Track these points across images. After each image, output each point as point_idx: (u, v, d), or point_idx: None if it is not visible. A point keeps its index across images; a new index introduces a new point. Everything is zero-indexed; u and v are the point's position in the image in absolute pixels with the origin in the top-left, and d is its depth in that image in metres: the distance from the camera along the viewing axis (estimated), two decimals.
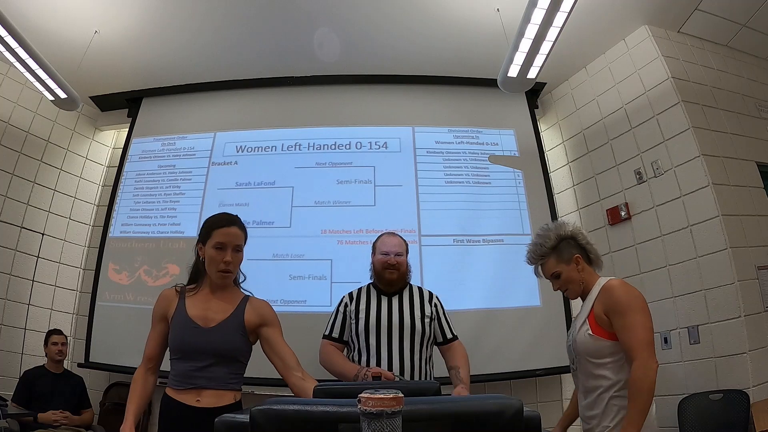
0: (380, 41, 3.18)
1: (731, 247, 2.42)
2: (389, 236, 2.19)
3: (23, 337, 3.14)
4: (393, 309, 2.05)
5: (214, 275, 1.54)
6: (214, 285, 1.57)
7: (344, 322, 2.10)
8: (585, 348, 1.56)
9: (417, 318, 2.03)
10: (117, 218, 3.41)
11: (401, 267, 2.08)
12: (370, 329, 2.00)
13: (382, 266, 2.08)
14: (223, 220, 1.57)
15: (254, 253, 3.11)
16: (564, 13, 2.27)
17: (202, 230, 1.58)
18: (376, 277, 2.13)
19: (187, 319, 1.50)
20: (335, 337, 2.10)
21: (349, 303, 2.12)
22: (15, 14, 2.56)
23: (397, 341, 1.98)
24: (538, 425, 0.82)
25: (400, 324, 2.01)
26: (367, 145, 3.42)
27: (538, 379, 3.04)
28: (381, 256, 2.10)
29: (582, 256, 1.70)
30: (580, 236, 1.73)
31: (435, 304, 2.13)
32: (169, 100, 3.73)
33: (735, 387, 2.27)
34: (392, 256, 2.08)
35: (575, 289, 1.69)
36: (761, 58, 3.30)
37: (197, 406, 1.44)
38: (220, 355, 1.48)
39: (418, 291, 2.15)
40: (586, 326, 1.57)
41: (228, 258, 1.53)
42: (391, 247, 2.11)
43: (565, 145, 3.51)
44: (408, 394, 0.69)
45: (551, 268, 1.70)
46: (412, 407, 0.70)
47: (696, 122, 2.71)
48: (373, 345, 1.98)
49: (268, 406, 0.76)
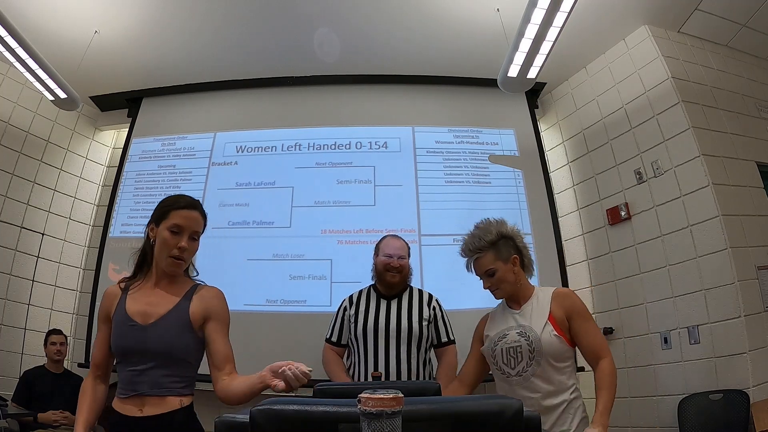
0: (380, 41, 3.18)
1: (731, 247, 2.42)
2: (393, 239, 2.20)
3: (23, 337, 3.14)
4: (392, 312, 2.06)
5: (163, 261, 1.37)
6: (161, 275, 1.40)
7: (343, 325, 2.14)
8: (552, 349, 1.53)
9: (415, 321, 2.04)
10: (117, 218, 3.40)
11: (403, 270, 2.11)
12: (368, 332, 2.02)
13: (384, 268, 2.09)
14: (184, 202, 1.41)
15: (254, 253, 3.15)
16: (564, 13, 2.27)
17: (158, 209, 1.41)
18: (378, 278, 2.14)
19: (125, 317, 1.32)
20: (334, 341, 2.14)
21: (348, 307, 2.15)
22: (15, 14, 2.56)
23: (395, 344, 2.00)
24: (538, 425, 0.82)
25: (397, 327, 2.02)
26: (367, 145, 3.42)
27: None
28: (384, 258, 2.12)
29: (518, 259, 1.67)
30: (518, 238, 1.71)
31: (434, 306, 2.13)
32: (169, 100, 3.73)
33: (735, 387, 2.27)
34: (395, 259, 2.09)
35: (507, 290, 1.65)
36: (761, 58, 3.30)
37: (140, 416, 1.26)
38: (160, 355, 1.30)
39: (417, 294, 2.16)
40: (549, 327, 1.55)
41: (183, 244, 1.36)
42: (394, 249, 2.12)
43: (565, 145, 3.51)
44: (408, 394, 0.69)
45: (487, 263, 1.63)
46: (412, 407, 0.70)
47: (696, 122, 2.71)
48: (371, 348, 2.01)
49: (268, 406, 0.76)
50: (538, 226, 3.20)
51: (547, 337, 1.53)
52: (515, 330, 1.60)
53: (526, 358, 1.55)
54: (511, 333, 1.60)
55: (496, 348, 1.62)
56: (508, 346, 1.59)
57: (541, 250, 3.15)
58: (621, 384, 2.83)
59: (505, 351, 1.59)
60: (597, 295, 3.12)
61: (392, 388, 0.66)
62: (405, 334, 2.01)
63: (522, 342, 1.56)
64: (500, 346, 1.61)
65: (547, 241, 3.18)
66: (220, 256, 3.16)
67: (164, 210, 1.39)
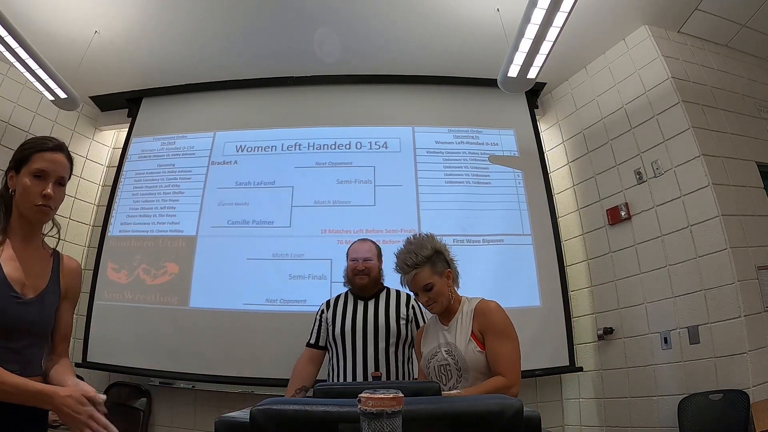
0: (380, 41, 3.18)
1: (731, 247, 2.42)
2: (359, 243, 2.28)
3: None
4: (368, 312, 2.12)
5: (28, 211, 1.20)
6: (25, 230, 1.22)
7: (320, 328, 2.21)
8: (477, 364, 1.56)
9: (392, 320, 2.09)
10: (116, 217, 3.40)
11: (371, 272, 2.17)
12: (346, 333, 2.09)
13: (352, 272, 2.18)
14: (48, 144, 1.24)
15: (254, 253, 3.15)
16: (564, 13, 2.27)
17: (17, 154, 1.23)
18: (349, 283, 2.22)
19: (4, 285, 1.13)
20: (312, 343, 2.21)
21: (326, 310, 2.22)
22: (15, 14, 2.56)
23: (372, 343, 2.04)
24: (538, 425, 0.82)
25: (375, 326, 2.07)
26: (367, 145, 3.42)
27: (538, 379, 3.04)
28: (350, 263, 2.21)
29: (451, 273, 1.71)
30: (447, 252, 1.74)
31: (412, 306, 2.17)
32: (168, 100, 3.73)
33: (735, 387, 2.27)
34: (360, 261, 2.17)
35: (443, 303, 1.67)
36: (761, 58, 3.30)
37: None
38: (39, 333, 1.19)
39: (395, 294, 2.21)
40: (473, 344, 1.58)
41: (48, 190, 1.19)
42: (360, 253, 2.21)
43: (565, 145, 3.51)
44: (408, 394, 0.69)
45: (425, 278, 1.64)
46: (412, 407, 0.70)
47: (696, 122, 2.71)
48: (349, 348, 2.07)
49: (268, 406, 0.76)
50: (538, 226, 3.21)
51: (471, 355, 1.57)
52: (443, 348, 1.65)
53: (455, 376, 1.60)
54: (440, 352, 1.65)
55: (429, 365, 1.69)
56: (438, 364, 1.65)
57: (541, 250, 3.15)
58: (621, 384, 2.85)
59: (436, 368, 1.66)
60: (597, 295, 3.12)
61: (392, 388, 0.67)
62: (382, 332, 2.05)
63: (449, 361, 1.62)
64: (432, 363, 1.67)
65: (547, 241, 3.18)
66: (220, 256, 3.16)
67: (25, 154, 1.22)
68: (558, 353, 2.96)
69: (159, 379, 3.03)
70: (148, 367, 3.00)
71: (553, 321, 3.00)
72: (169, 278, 3.16)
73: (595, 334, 3.05)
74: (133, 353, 3.05)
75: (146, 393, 3.10)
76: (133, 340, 3.07)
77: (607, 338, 2.98)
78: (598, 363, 3.03)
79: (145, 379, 3.08)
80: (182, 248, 3.21)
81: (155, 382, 3.05)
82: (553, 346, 2.96)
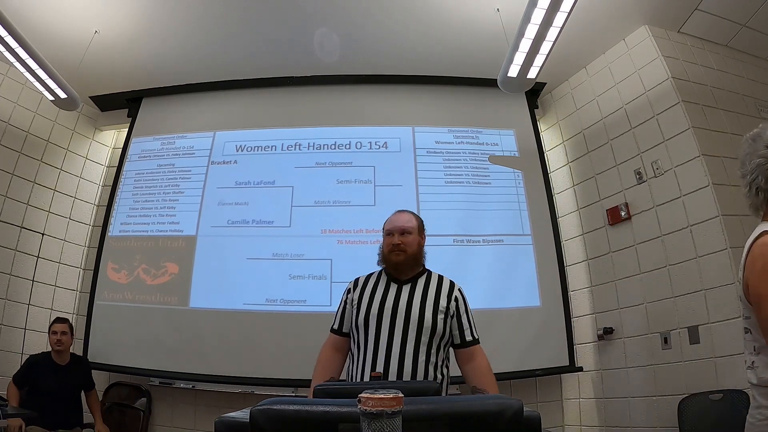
0: (380, 41, 3.18)
1: (731, 247, 2.42)
2: (397, 213, 1.92)
3: (23, 337, 3.13)
4: (401, 298, 1.74)
5: None
6: None
7: (344, 312, 1.84)
8: None
9: (427, 311, 1.71)
10: (116, 217, 3.41)
11: (408, 248, 1.78)
12: (370, 320, 1.72)
13: (388, 249, 1.80)
14: None
15: (254, 253, 3.15)
16: (564, 13, 2.27)
17: None
18: (384, 262, 1.84)
19: None
20: (335, 328, 1.85)
21: (352, 290, 1.85)
22: (15, 14, 2.56)
23: (400, 336, 1.67)
24: (538, 425, 0.82)
25: (406, 316, 1.70)
26: (367, 145, 3.42)
27: (538, 379, 3.04)
28: (386, 237, 1.84)
29: None
30: None
31: (456, 297, 1.78)
32: (168, 100, 3.73)
33: (735, 387, 2.27)
34: (396, 235, 1.79)
35: None
36: (761, 58, 3.29)
37: None
38: None
39: (436, 280, 1.82)
40: None
41: None
42: (397, 223, 1.83)
43: (565, 145, 3.51)
44: (408, 394, 0.69)
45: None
46: (412, 407, 0.70)
47: (696, 122, 2.71)
48: (372, 339, 1.69)
49: (268, 406, 0.76)
50: (538, 226, 3.21)
51: None
52: None
53: None
54: None
55: None
56: None
57: (541, 250, 3.15)
58: (621, 384, 2.85)
59: None
60: (597, 295, 3.12)
61: (392, 388, 0.67)
62: (414, 324, 1.68)
63: None
64: None
65: (547, 241, 3.18)
66: (220, 256, 3.17)
67: None
68: (558, 353, 2.96)
69: (159, 379, 3.03)
70: (148, 367, 3.00)
71: (553, 321, 3.00)
72: (169, 278, 3.16)
73: (595, 334, 3.05)
74: (133, 353, 3.05)
75: (146, 393, 3.10)
76: (133, 340, 3.08)
77: (607, 338, 2.98)
78: (598, 363, 3.03)
79: (145, 379, 3.08)
80: (182, 248, 3.21)
81: (155, 382, 3.05)
82: (553, 346, 2.96)
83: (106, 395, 3.14)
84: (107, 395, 3.14)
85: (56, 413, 2.68)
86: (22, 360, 2.96)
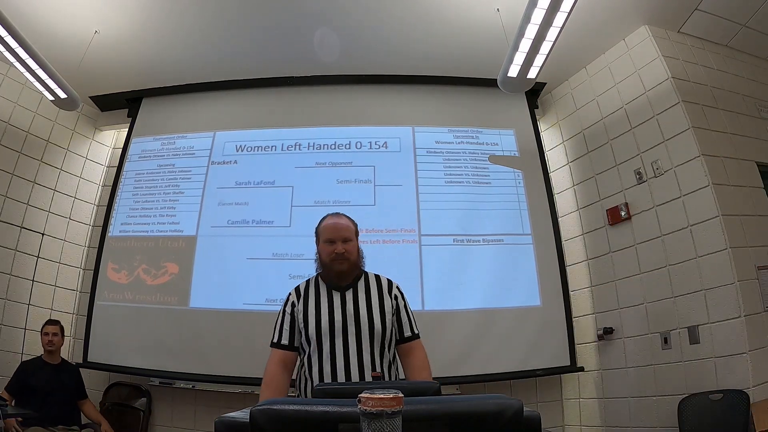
0: (380, 41, 3.18)
1: (731, 247, 2.42)
2: (334, 218, 1.84)
3: (23, 337, 3.13)
4: (347, 307, 1.71)
5: None
6: None
7: (292, 325, 1.74)
8: None
9: (376, 314, 1.70)
10: (116, 217, 3.41)
11: (351, 255, 1.74)
12: (323, 333, 1.67)
13: (329, 258, 1.74)
14: None
15: (254, 253, 3.15)
16: (564, 13, 2.27)
17: None
18: (324, 269, 1.80)
19: None
20: (285, 343, 1.72)
21: (296, 302, 1.78)
22: (15, 14, 2.56)
23: (355, 344, 1.66)
24: (538, 425, 0.82)
25: (356, 324, 1.68)
26: (367, 145, 3.42)
27: (538, 379, 3.04)
28: (325, 246, 1.77)
29: None
30: None
31: (395, 295, 1.79)
32: (168, 100, 3.73)
33: (735, 387, 2.27)
34: (339, 243, 1.74)
35: None
36: (761, 58, 3.30)
37: None
38: None
39: (375, 281, 1.80)
40: None
41: None
42: (337, 232, 1.77)
43: (565, 145, 3.51)
44: (408, 394, 0.69)
45: None
46: (412, 407, 0.70)
47: (696, 122, 2.71)
48: (327, 350, 1.66)
49: (268, 406, 0.76)
50: (538, 226, 3.21)
51: None
52: None
53: None
54: None
55: None
56: None
57: (541, 250, 3.15)
58: (621, 384, 2.85)
59: None
60: (597, 295, 3.12)
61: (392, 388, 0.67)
62: (366, 330, 1.67)
63: None
64: None
65: (547, 241, 3.18)
66: (220, 256, 3.16)
67: None
68: (558, 353, 2.96)
69: (159, 379, 3.03)
70: (148, 367, 3.00)
71: (554, 321, 3.00)
72: (169, 278, 3.16)
73: (596, 334, 3.05)
74: (133, 353, 3.05)
75: (146, 393, 3.10)
76: (133, 340, 3.08)
77: (607, 338, 2.98)
78: (599, 363, 3.03)
79: (145, 379, 3.08)
80: (182, 248, 3.21)
81: (155, 382, 3.05)
82: (554, 346, 2.96)
83: (106, 395, 3.14)
84: (107, 395, 3.14)
85: (51, 409, 2.68)
86: (21, 360, 2.97)
